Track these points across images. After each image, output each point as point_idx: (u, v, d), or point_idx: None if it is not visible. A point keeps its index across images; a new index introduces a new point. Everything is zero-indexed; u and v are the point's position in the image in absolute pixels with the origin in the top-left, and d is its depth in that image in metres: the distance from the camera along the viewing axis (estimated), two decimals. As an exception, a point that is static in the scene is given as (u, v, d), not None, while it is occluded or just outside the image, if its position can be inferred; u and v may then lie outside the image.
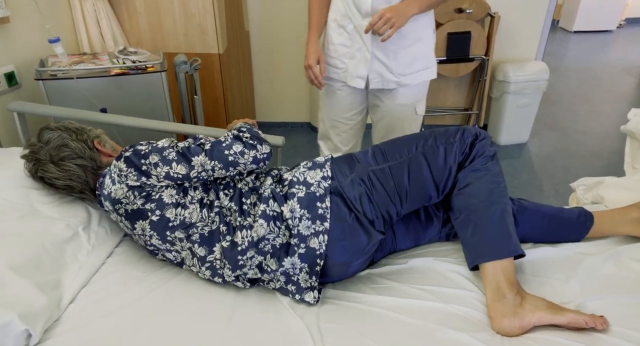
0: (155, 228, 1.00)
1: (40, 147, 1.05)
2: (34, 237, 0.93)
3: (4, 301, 0.76)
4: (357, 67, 1.45)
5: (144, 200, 0.99)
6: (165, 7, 2.17)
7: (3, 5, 1.56)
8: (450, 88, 3.09)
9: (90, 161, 1.06)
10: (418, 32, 1.43)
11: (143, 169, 0.98)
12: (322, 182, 1.04)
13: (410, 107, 1.54)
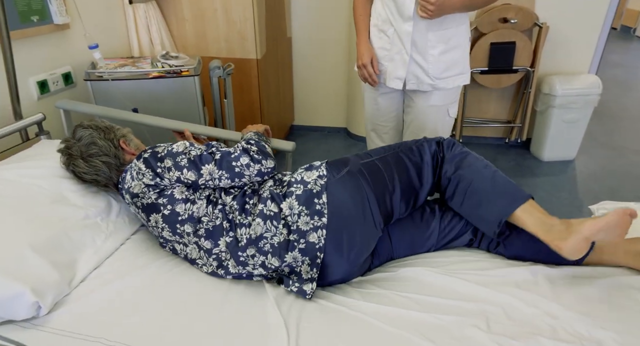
0: (166, 221, 1.09)
1: (73, 143, 1.18)
2: (57, 222, 1.05)
3: (20, 275, 0.88)
4: (396, 69, 1.52)
5: (157, 195, 1.08)
6: (210, 15, 2.31)
7: (64, 13, 1.75)
8: (492, 100, 3.00)
9: (115, 159, 1.18)
10: (458, 38, 1.47)
11: (158, 171, 1.07)
12: (319, 179, 1.10)
13: (443, 108, 1.58)
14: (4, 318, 0.87)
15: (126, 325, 0.91)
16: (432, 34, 1.44)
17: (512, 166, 2.85)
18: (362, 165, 1.15)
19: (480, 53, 2.70)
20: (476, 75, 2.79)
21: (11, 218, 0.99)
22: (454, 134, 3.15)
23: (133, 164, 1.12)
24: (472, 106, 3.02)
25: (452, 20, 1.44)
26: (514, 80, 2.78)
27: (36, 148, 1.37)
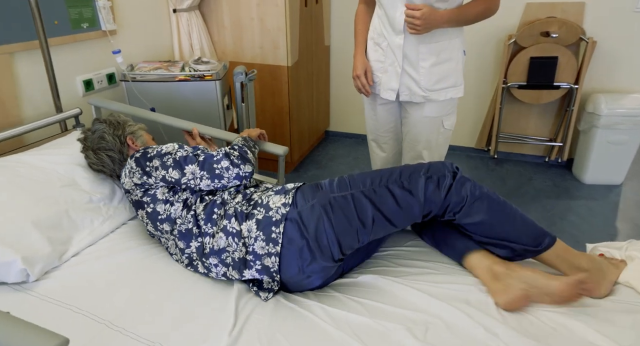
0: (149, 218, 1.20)
1: (89, 135, 1.34)
2: (63, 203, 1.22)
3: (15, 245, 1.04)
4: (390, 80, 1.55)
5: (142, 194, 1.20)
6: (247, 23, 2.46)
7: (112, 21, 1.98)
8: (533, 116, 2.86)
9: (119, 154, 1.32)
10: (450, 52, 1.49)
11: (147, 170, 1.18)
12: (282, 208, 1.11)
13: (437, 120, 1.59)
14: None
15: (99, 298, 1.04)
16: (423, 46, 1.46)
17: (548, 186, 2.69)
18: (332, 199, 1.11)
19: (519, 67, 2.60)
20: (514, 90, 2.68)
21: (22, 196, 1.17)
22: (488, 149, 3.05)
23: (127, 162, 1.24)
24: (510, 121, 2.91)
25: (444, 34, 1.45)
26: (556, 97, 2.64)
27: (67, 138, 1.57)
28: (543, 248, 1.10)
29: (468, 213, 1.11)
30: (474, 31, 2.77)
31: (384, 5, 1.47)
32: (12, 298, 1.01)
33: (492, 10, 1.46)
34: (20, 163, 1.31)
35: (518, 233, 1.12)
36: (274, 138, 2.72)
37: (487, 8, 1.44)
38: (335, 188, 1.13)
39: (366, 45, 1.63)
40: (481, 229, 1.12)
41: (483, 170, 2.94)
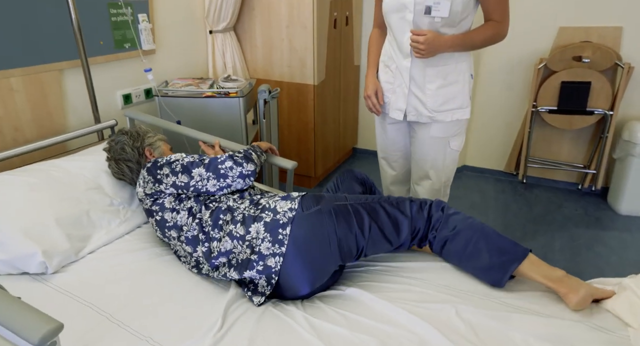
0: (158, 225, 1.30)
1: (112, 145, 1.47)
2: (84, 204, 1.36)
3: (39, 239, 1.17)
4: (398, 101, 1.61)
5: (152, 203, 1.30)
6: (277, 43, 2.59)
7: (151, 41, 2.17)
8: (565, 141, 2.77)
9: (137, 165, 1.43)
10: (456, 75, 1.53)
11: (158, 178, 1.28)
12: (288, 212, 1.19)
13: (443, 140, 1.62)
14: (21, 270, 1.17)
15: (106, 292, 1.15)
16: (429, 69, 1.50)
17: (578, 214, 2.58)
18: (334, 206, 1.21)
19: (550, 91, 2.54)
20: (544, 114, 2.62)
21: (50, 195, 1.31)
22: (516, 173, 2.97)
23: (140, 172, 1.35)
24: (541, 146, 2.83)
25: (450, 58, 1.48)
26: (589, 123, 2.55)
27: (99, 147, 1.73)
28: (520, 256, 1.16)
29: (446, 226, 1.24)
30: (505, 53, 2.75)
31: (393, 29, 1.53)
32: (30, 286, 1.14)
33: (500, 36, 1.48)
34: (55, 167, 1.47)
35: (494, 244, 1.19)
36: (298, 153, 2.82)
37: (495, 34, 1.46)
38: (336, 199, 1.25)
39: (378, 67, 1.70)
40: (461, 240, 1.22)
41: (510, 194, 2.87)
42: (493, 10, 1.44)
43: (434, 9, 1.40)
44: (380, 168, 1.91)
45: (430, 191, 1.74)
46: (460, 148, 1.67)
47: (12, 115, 1.64)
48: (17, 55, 1.62)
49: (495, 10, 1.44)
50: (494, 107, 2.94)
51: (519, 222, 2.53)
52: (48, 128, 1.77)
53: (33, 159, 1.65)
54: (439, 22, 1.41)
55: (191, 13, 2.46)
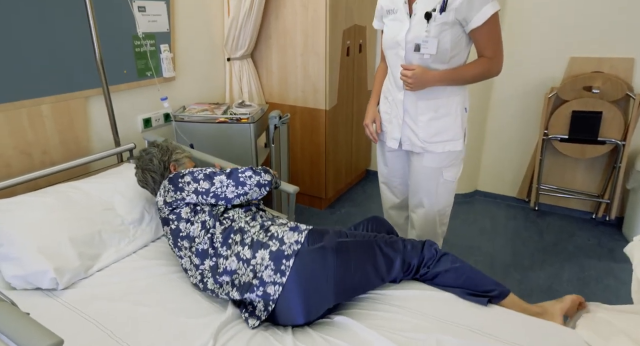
0: (172, 234, 1.39)
1: (143, 155, 1.58)
2: (98, 224, 1.48)
3: (51, 257, 1.28)
4: (393, 130, 1.69)
5: (169, 212, 1.40)
6: (291, 69, 2.71)
7: (172, 69, 2.32)
8: (579, 170, 2.74)
9: (160, 177, 1.54)
10: (448, 108, 1.59)
11: (179, 186, 1.38)
12: (294, 244, 1.25)
13: (437, 170, 1.68)
14: (35, 285, 1.28)
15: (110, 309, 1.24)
16: (421, 102, 1.58)
17: (591, 245, 2.54)
18: (337, 243, 1.26)
19: (561, 120, 2.54)
20: (556, 142, 2.61)
21: (66, 216, 1.43)
22: (528, 200, 2.95)
23: (162, 182, 1.46)
24: (554, 173, 2.80)
25: (442, 91, 1.55)
26: (601, 152, 2.52)
27: (117, 169, 1.87)
28: (503, 293, 1.30)
29: (438, 264, 1.35)
30: (516, 81, 2.77)
31: (389, 64, 1.63)
32: (42, 302, 1.25)
33: (492, 72, 1.52)
34: (74, 188, 1.60)
35: (479, 282, 1.32)
36: (310, 175, 2.90)
37: (486, 70, 1.50)
38: (339, 235, 1.31)
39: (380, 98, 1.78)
40: (450, 276, 1.34)
41: (521, 221, 2.85)
42: (484, 47, 1.49)
43: (422, 46, 1.48)
44: (381, 192, 1.97)
45: (424, 219, 1.78)
46: (455, 179, 1.72)
47: (42, 139, 1.80)
48: (48, 85, 1.78)
49: (486, 47, 1.48)
50: (506, 133, 2.94)
51: (527, 250, 2.52)
52: (74, 151, 1.92)
53: (58, 180, 1.80)
54: (428, 59, 1.49)
55: (210, 42, 2.61)
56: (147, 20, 2.16)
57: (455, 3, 1.40)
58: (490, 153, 3.06)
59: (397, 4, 1.53)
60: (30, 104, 1.74)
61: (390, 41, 1.56)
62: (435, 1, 1.44)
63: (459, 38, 1.47)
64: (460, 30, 1.45)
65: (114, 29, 1.99)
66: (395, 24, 1.54)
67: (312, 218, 2.87)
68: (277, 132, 2.27)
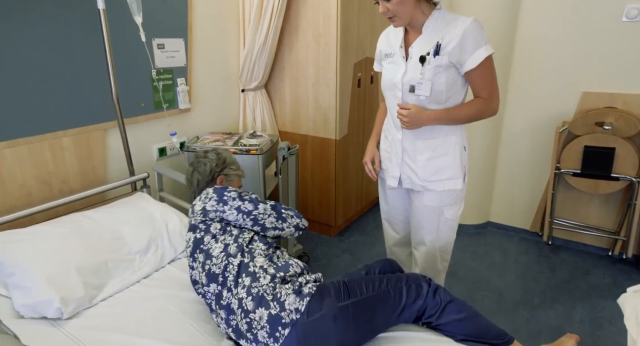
0: (194, 242, 1.38)
1: (201, 158, 1.66)
2: (106, 253, 1.56)
3: (58, 286, 1.36)
4: (393, 169, 1.72)
5: (201, 221, 1.41)
6: (304, 99, 2.79)
7: (187, 101, 2.44)
8: (594, 205, 2.68)
9: (205, 184, 1.61)
10: (446, 147, 1.61)
11: (224, 199, 1.42)
12: (293, 313, 1.19)
13: (437, 209, 1.69)
14: (41, 314, 1.36)
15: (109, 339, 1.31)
16: (419, 142, 1.60)
17: (605, 283, 2.46)
18: (337, 309, 1.22)
19: (573, 154, 2.51)
20: (568, 177, 2.57)
21: (76, 245, 1.52)
22: (541, 234, 2.89)
23: (206, 190, 1.50)
24: (568, 207, 2.75)
25: (440, 131, 1.58)
26: (615, 188, 2.46)
27: (130, 198, 1.97)
28: (507, 343, 1.34)
29: (442, 314, 1.34)
30: (528, 114, 2.76)
31: (388, 105, 1.68)
32: (46, 331, 1.32)
33: (487, 113, 1.54)
34: (86, 217, 1.70)
35: (484, 332, 1.33)
36: (320, 203, 2.94)
37: (481, 111, 1.53)
38: (340, 297, 1.26)
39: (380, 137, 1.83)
40: (455, 326, 1.33)
41: (534, 255, 2.79)
42: (479, 88, 1.51)
43: (417, 88, 1.52)
44: (384, 229, 1.98)
45: (426, 256, 1.79)
46: (455, 217, 1.72)
47: (61, 170, 1.92)
48: (69, 118, 1.91)
49: (481, 89, 1.51)
50: (517, 165, 2.91)
51: (538, 286, 2.46)
52: (91, 180, 2.04)
53: (75, 207, 1.91)
54: (424, 100, 1.52)
55: (226, 73, 2.73)
56: (165, 56, 2.29)
57: (448, 47, 1.44)
58: (502, 184, 3.03)
59: (394, 48, 1.59)
60: (52, 137, 1.86)
61: (388, 83, 1.61)
62: (429, 45, 1.49)
63: (454, 80, 1.50)
64: (455, 72, 1.49)
65: (134, 64, 2.12)
66: (392, 66, 1.60)
67: (321, 246, 2.90)
68: (285, 163, 2.34)
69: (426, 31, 1.50)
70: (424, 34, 1.50)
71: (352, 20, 2.62)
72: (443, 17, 1.48)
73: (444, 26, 1.47)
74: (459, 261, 2.72)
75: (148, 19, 2.14)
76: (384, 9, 1.45)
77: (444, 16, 1.49)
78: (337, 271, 2.59)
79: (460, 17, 1.46)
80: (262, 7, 2.51)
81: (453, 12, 1.50)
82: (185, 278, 1.62)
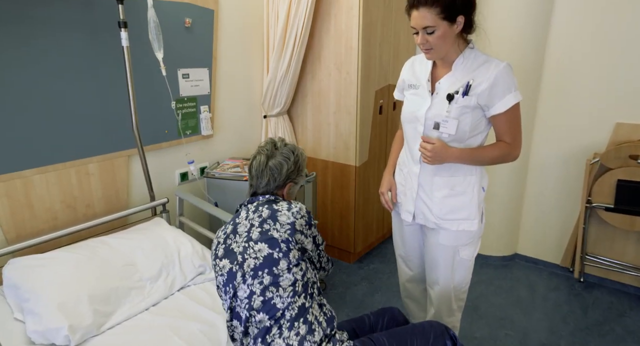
0: (266, 258, 1.20)
1: (280, 158, 1.37)
2: (118, 280, 1.61)
3: (69, 314, 1.41)
4: (407, 203, 1.68)
5: (286, 240, 1.22)
6: (324, 126, 2.81)
7: (210, 128, 2.51)
8: (631, 242, 2.51)
9: (273, 184, 1.37)
10: (464, 186, 1.57)
11: (311, 222, 1.29)
12: None
13: (452, 249, 1.63)
14: (50, 341, 1.40)
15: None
16: (437, 178, 1.56)
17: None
18: None
19: (605, 188, 2.37)
20: (601, 211, 2.43)
21: (89, 272, 1.58)
22: (572, 269, 2.73)
23: (301, 206, 1.30)
24: (601, 243, 2.58)
25: (459, 170, 1.54)
26: (653, 226, 2.29)
27: (147, 223, 2.03)
28: None
29: None
30: (558, 145, 2.64)
31: (407, 137, 1.64)
32: (55, 356, 1.38)
33: (510, 157, 1.51)
34: (102, 243, 1.77)
35: None
36: (340, 228, 2.92)
37: (504, 155, 1.50)
38: None
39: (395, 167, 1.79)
40: None
41: (565, 292, 2.63)
42: (504, 132, 1.49)
43: (442, 125, 1.49)
44: (398, 265, 1.94)
45: (440, 295, 1.73)
46: (471, 257, 1.66)
47: (86, 195, 2.01)
48: (96, 145, 2.01)
49: (505, 133, 1.49)
50: (546, 197, 2.78)
51: (567, 328, 2.31)
52: (114, 204, 2.13)
53: (98, 231, 2.00)
54: (446, 138, 1.49)
55: (249, 100, 2.80)
56: (190, 85, 2.38)
57: (478, 89, 1.42)
58: (531, 215, 2.89)
59: (420, 80, 1.57)
60: (79, 163, 1.97)
61: (409, 115, 1.57)
62: (458, 83, 1.46)
63: (479, 121, 1.48)
64: (480, 114, 1.47)
65: (159, 94, 2.21)
66: (416, 98, 1.56)
67: (340, 273, 2.86)
68: (302, 190, 2.34)
69: (456, 68, 1.47)
70: (454, 71, 1.48)
71: (374, 49, 2.63)
72: (475, 57, 1.46)
73: (476, 66, 1.45)
74: (482, 295, 2.61)
75: (174, 51, 2.24)
76: (423, 40, 1.41)
77: (476, 56, 1.46)
78: (354, 301, 2.54)
79: (493, 60, 1.44)
80: (285, 36, 2.57)
81: (485, 54, 1.47)
82: (192, 308, 1.63)
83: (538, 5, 2.49)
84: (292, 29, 2.53)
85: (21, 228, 1.81)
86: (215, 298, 1.70)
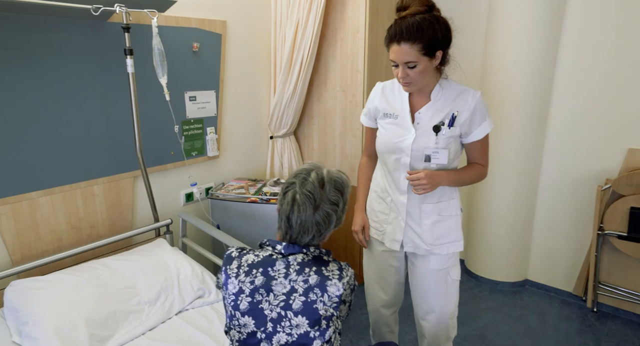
0: (301, 337, 1.05)
1: (324, 183, 1.09)
2: (116, 304, 1.61)
3: (64, 339, 1.42)
4: (394, 232, 1.66)
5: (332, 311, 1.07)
6: (330, 148, 2.81)
7: (216, 149, 2.54)
8: (645, 271, 2.41)
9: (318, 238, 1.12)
10: (450, 210, 1.60)
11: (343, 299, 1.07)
12: None
13: (443, 271, 1.64)
14: (45, 365, 1.43)
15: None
16: (426, 205, 1.57)
17: (659, 365, 2.18)
18: None
19: (618, 216, 2.30)
20: (613, 239, 2.35)
21: (88, 295, 1.59)
22: (585, 298, 2.63)
23: (351, 274, 1.11)
24: (615, 272, 2.49)
25: (444, 194, 1.57)
26: (669, 256, 2.21)
27: (149, 245, 2.05)
28: None
29: None
30: (569, 170, 2.58)
31: (388, 168, 1.62)
32: (49, 381, 1.38)
33: (481, 177, 1.61)
34: (103, 265, 1.78)
35: None
36: (345, 250, 2.89)
37: (480, 175, 1.60)
38: None
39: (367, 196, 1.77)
40: None
41: (577, 322, 2.53)
42: (479, 156, 1.58)
43: (433, 157, 1.49)
44: (370, 291, 1.86)
45: (437, 325, 1.69)
46: (459, 278, 1.68)
47: (91, 215, 2.05)
48: (102, 167, 2.05)
49: (480, 156, 1.58)
50: (558, 224, 2.71)
51: (578, 361, 2.22)
52: (119, 225, 2.15)
53: (102, 252, 2.02)
54: (434, 167, 1.51)
55: (255, 121, 2.82)
56: (196, 107, 2.42)
57: (461, 118, 1.48)
58: (541, 241, 2.82)
59: (396, 109, 1.56)
60: (85, 185, 2.01)
61: (391, 146, 1.55)
62: (440, 113, 1.49)
63: (459, 147, 1.55)
64: (459, 141, 1.54)
65: (165, 115, 2.25)
66: (396, 129, 1.54)
67: (344, 296, 2.82)
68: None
69: (435, 98, 1.50)
70: (434, 101, 1.50)
71: (379, 73, 2.64)
72: (450, 87, 1.50)
73: (454, 96, 1.49)
74: (489, 323, 2.53)
75: (181, 75, 2.29)
76: (404, 74, 1.41)
77: (451, 85, 1.50)
78: (358, 326, 2.50)
79: (469, 89, 1.50)
80: (292, 60, 2.60)
81: (458, 83, 1.52)
82: (189, 333, 1.62)
83: (547, 28, 2.47)
84: (298, 53, 2.56)
85: (26, 249, 1.84)
86: (212, 323, 1.69)
